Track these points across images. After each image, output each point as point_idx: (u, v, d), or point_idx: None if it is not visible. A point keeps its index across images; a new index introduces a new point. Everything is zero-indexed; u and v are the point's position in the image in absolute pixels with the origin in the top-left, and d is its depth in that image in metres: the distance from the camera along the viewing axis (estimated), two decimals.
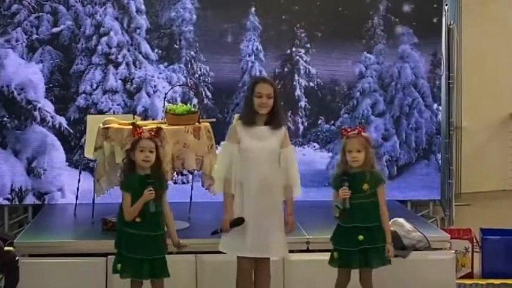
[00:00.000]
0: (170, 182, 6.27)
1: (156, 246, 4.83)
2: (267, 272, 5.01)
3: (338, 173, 4.99)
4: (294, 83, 7.50)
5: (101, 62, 7.32)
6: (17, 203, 7.24)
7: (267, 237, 4.92)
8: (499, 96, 7.81)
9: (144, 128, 5.08)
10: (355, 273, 5.03)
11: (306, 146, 7.48)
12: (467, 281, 6.24)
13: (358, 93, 7.53)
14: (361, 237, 4.87)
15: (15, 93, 7.19)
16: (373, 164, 4.96)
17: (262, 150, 4.89)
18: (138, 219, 4.80)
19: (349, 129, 5.01)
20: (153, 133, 4.96)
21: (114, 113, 7.15)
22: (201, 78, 7.41)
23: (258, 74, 7.32)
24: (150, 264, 4.81)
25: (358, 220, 4.89)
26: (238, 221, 4.87)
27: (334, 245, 5.02)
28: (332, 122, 7.51)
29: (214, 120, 6.55)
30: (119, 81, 7.34)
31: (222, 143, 5.08)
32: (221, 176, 4.93)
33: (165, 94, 6.70)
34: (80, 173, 6.72)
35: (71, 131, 7.28)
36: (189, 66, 7.41)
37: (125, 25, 7.34)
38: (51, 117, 7.25)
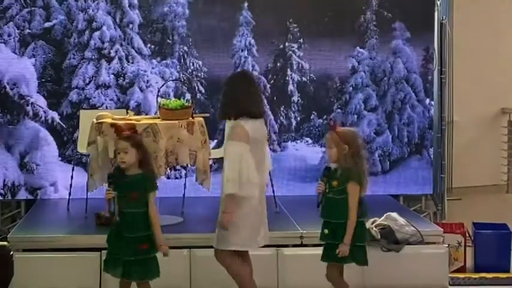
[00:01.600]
0: (163, 177, 6.31)
1: (132, 247, 4.71)
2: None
3: (324, 166, 5.04)
4: (287, 78, 7.50)
5: (93, 57, 7.30)
6: (10, 198, 7.23)
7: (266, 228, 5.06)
8: (490, 91, 7.83)
9: (121, 124, 5.01)
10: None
11: (298, 141, 7.49)
12: (460, 275, 6.26)
13: (351, 88, 7.54)
14: (326, 231, 4.94)
15: (8, 88, 7.17)
16: (345, 161, 4.83)
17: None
18: (117, 218, 4.76)
19: (334, 123, 4.93)
20: (129, 131, 4.82)
21: (106, 108, 7.15)
22: (194, 73, 7.41)
23: (250, 68, 7.32)
24: (128, 265, 4.74)
25: (326, 215, 4.94)
26: None
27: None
28: (325, 117, 7.51)
29: (207, 115, 6.55)
30: (112, 76, 7.33)
31: (231, 142, 4.86)
32: (236, 177, 4.78)
33: (158, 89, 6.70)
34: (73, 168, 6.71)
35: (64, 125, 7.27)
36: (182, 61, 7.40)
37: (117, 20, 7.32)
38: (44, 112, 7.24)
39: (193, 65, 7.40)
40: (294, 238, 5.89)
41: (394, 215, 6.06)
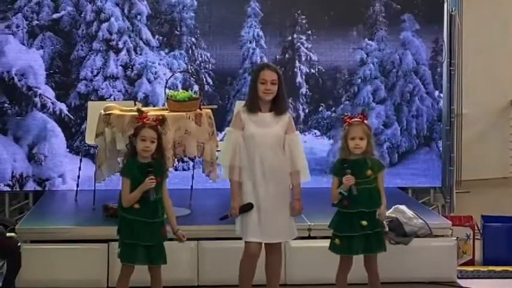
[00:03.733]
0: (171, 169, 6.31)
1: (153, 233, 4.82)
2: (279, 256, 5.05)
3: (339, 159, 5.01)
4: (295, 69, 7.48)
5: (101, 48, 7.30)
6: (18, 189, 7.24)
7: (276, 223, 4.95)
8: (499, 83, 7.79)
9: (149, 115, 5.05)
10: (356, 260, 5.04)
11: (307, 133, 7.47)
12: (469, 268, 6.25)
13: (359, 80, 7.52)
14: (364, 222, 4.91)
15: (16, 79, 7.17)
16: (373, 151, 5.00)
17: (267, 137, 4.91)
18: (136, 206, 4.80)
19: (351, 117, 5.04)
20: (157, 122, 4.94)
21: (114, 100, 7.14)
22: (202, 64, 7.40)
23: (259, 60, 7.30)
24: (146, 251, 4.81)
25: (363, 205, 4.91)
26: (247, 207, 4.90)
27: (335, 231, 5.03)
28: (333, 109, 7.50)
29: (215, 106, 6.54)
30: (120, 68, 7.33)
31: (227, 129, 5.07)
32: (227, 163, 4.93)
33: (166, 81, 6.69)
34: (80, 159, 6.73)
35: (72, 117, 7.27)
36: (190, 52, 7.39)
37: (125, 11, 7.31)
38: (52, 103, 7.24)
39: (201, 56, 7.39)
40: (302, 230, 5.86)
41: (403, 207, 6.04)
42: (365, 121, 5.03)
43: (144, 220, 4.80)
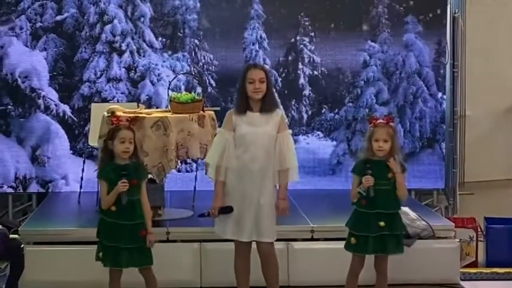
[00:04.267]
0: (174, 171, 6.33)
1: (132, 235, 4.80)
2: (271, 255, 5.02)
3: (362, 159, 5.01)
4: (298, 71, 7.49)
5: (104, 50, 7.31)
6: (21, 191, 7.26)
7: (261, 222, 4.94)
8: (503, 85, 7.78)
9: (122, 116, 5.05)
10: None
11: (310, 135, 7.47)
12: (472, 270, 6.24)
13: (362, 82, 7.52)
14: (382, 223, 4.91)
15: (19, 81, 7.19)
16: (397, 154, 4.99)
17: (258, 136, 4.91)
18: (113, 208, 4.80)
19: (377, 118, 5.05)
20: (130, 122, 4.92)
21: (118, 101, 7.15)
22: (205, 66, 7.40)
23: (262, 62, 7.30)
24: (128, 253, 4.80)
25: (382, 206, 4.92)
26: (227, 210, 4.91)
27: (351, 230, 5.01)
28: (336, 110, 7.50)
29: (218, 108, 6.55)
30: (123, 70, 7.34)
31: (218, 129, 5.09)
32: (213, 163, 4.95)
33: (169, 82, 6.69)
34: (84, 161, 6.73)
35: (75, 119, 7.28)
36: (193, 54, 7.39)
37: (128, 13, 7.32)
38: (55, 105, 7.26)
39: (204, 58, 7.39)
40: (305, 232, 5.87)
41: (406, 209, 6.01)
42: (391, 123, 5.01)
43: (122, 222, 4.79)
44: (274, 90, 5.06)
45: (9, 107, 7.19)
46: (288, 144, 4.97)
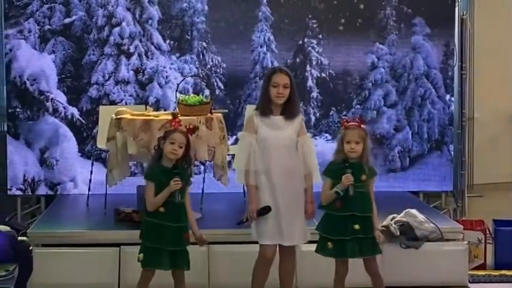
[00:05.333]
0: None
1: (178, 237, 4.85)
2: (293, 260, 5.07)
3: (336, 161, 5.00)
4: (306, 73, 7.48)
5: (113, 53, 7.32)
6: (30, 193, 7.27)
7: (292, 225, 4.96)
8: (511, 87, 7.77)
9: (182, 121, 5.06)
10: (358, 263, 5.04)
11: (317, 137, 7.47)
12: (480, 272, 6.22)
13: (370, 84, 7.51)
14: (357, 226, 4.90)
15: (28, 83, 7.21)
16: (368, 157, 4.99)
17: (280, 140, 4.93)
18: (161, 209, 4.82)
19: (349, 120, 5.03)
20: (188, 129, 4.95)
21: (126, 104, 7.16)
22: (213, 69, 7.41)
23: (270, 65, 7.30)
24: (171, 255, 4.84)
25: (357, 209, 4.91)
26: (265, 210, 4.92)
27: (326, 235, 4.99)
28: (344, 113, 7.49)
29: (226, 111, 6.56)
30: (131, 72, 7.35)
31: (240, 133, 5.09)
32: (242, 167, 4.96)
33: (177, 85, 6.70)
34: (92, 163, 6.74)
35: (83, 121, 7.29)
36: (201, 57, 7.40)
37: (136, 16, 7.34)
38: (64, 107, 7.27)
39: (212, 60, 7.40)
40: (312, 234, 5.86)
41: (414, 211, 6.03)
42: (362, 125, 4.99)
43: (169, 224, 4.82)
44: (297, 95, 5.06)
45: (18, 109, 7.21)
46: (309, 147, 5.02)
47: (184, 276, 4.94)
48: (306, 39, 7.46)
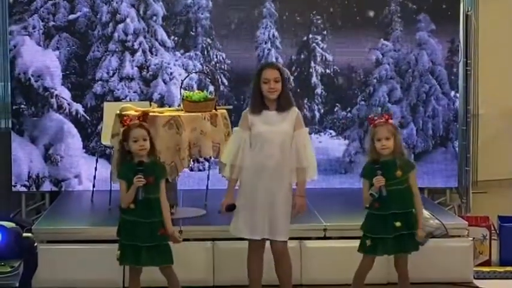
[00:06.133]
0: (186, 170, 6.33)
1: (152, 233, 4.81)
2: (287, 259, 5.01)
3: (369, 162, 5.00)
4: (311, 70, 7.48)
5: (117, 49, 7.32)
6: (34, 189, 7.28)
7: (275, 221, 4.93)
8: None
9: (131, 115, 5.05)
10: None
11: (322, 134, 7.46)
12: (485, 269, 6.22)
13: (375, 80, 7.50)
14: (398, 223, 4.89)
15: (32, 80, 7.21)
16: (402, 151, 4.99)
17: (275, 134, 4.91)
18: (131, 206, 4.81)
19: (376, 118, 5.03)
20: (140, 119, 4.91)
21: (130, 100, 7.16)
22: (218, 65, 7.41)
23: (274, 61, 7.29)
24: (148, 251, 4.81)
25: (395, 207, 4.90)
26: (230, 207, 4.95)
27: (366, 233, 4.98)
28: (348, 109, 7.48)
29: (230, 107, 6.56)
30: (135, 69, 7.35)
31: (234, 128, 5.10)
32: (228, 162, 4.97)
33: (182, 81, 6.70)
34: (96, 160, 6.75)
35: (88, 118, 7.30)
36: (206, 53, 7.40)
37: (141, 12, 7.33)
38: (68, 104, 7.28)
39: (216, 57, 7.39)
40: (317, 231, 5.87)
41: None
42: (390, 121, 5.00)
43: (141, 220, 4.80)
44: (289, 88, 5.05)
45: (22, 106, 7.22)
46: (304, 141, 4.97)
47: (173, 272, 4.90)
48: (310, 36, 7.45)
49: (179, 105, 6.48)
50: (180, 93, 6.37)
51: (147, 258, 4.81)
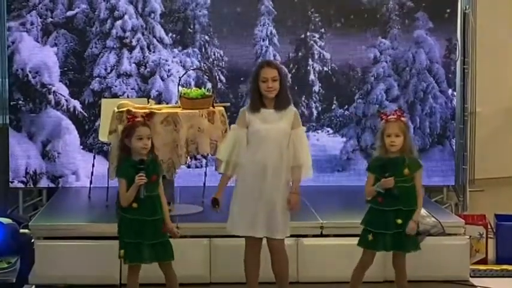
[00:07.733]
0: (184, 167, 6.34)
1: (154, 230, 4.83)
2: (281, 252, 5.01)
3: (376, 157, 5.00)
4: (308, 67, 7.48)
5: (115, 46, 7.32)
6: (32, 186, 7.28)
7: (272, 219, 4.93)
8: None
9: (137, 113, 5.06)
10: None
11: (319, 131, 7.47)
12: (482, 267, 6.23)
13: (373, 78, 7.51)
14: (399, 220, 4.90)
15: (30, 76, 7.21)
16: (411, 149, 4.98)
17: (272, 132, 4.92)
18: (134, 205, 4.80)
19: (388, 113, 5.02)
20: (146, 118, 4.94)
21: (128, 97, 7.16)
22: (215, 62, 7.41)
23: (272, 58, 7.29)
24: (151, 249, 4.83)
25: (400, 204, 4.90)
26: (213, 202, 4.98)
27: (367, 227, 4.99)
28: (346, 107, 7.49)
29: (228, 104, 6.56)
30: (133, 65, 7.35)
31: (232, 125, 5.11)
32: (224, 158, 4.98)
33: (179, 78, 6.70)
34: (94, 156, 6.76)
35: (85, 114, 7.30)
36: (203, 50, 7.40)
37: (139, 9, 7.33)
38: (66, 100, 7.28)
39: (214, 54, 7.40)
40: (314, 228, 5.88)
41: None
42: (402, 118, 4.99)
43: (144, 218, 4.81)
44: (287, 87, 5.06)
45: (20, 102, 7.22)
46: (301, 140, 4.98)
47: (172, 268, 4.92)
48: (308, 33, 7.46)
49: (177, 102, 6.48)
50: (178, 90, 6.37)
51: (151, 255, 4.83)
